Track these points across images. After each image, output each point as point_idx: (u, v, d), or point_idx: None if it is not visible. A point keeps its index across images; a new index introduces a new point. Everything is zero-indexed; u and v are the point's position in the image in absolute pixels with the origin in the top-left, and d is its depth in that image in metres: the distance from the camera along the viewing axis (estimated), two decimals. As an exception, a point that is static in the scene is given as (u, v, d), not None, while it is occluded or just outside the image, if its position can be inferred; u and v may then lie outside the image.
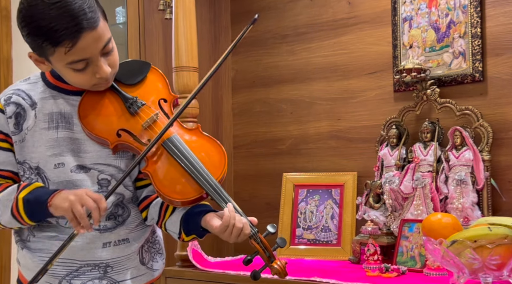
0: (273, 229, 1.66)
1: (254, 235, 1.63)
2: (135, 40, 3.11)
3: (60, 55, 1.56)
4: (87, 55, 1.57)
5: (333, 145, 3.12)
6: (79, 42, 1.53)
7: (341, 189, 2.95)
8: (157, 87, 1.76)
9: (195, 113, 2.68)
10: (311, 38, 3.19)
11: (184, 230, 1.69)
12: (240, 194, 3.41)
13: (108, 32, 1.61)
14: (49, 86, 1.71)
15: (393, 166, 2.74)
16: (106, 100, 1.70)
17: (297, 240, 2.95)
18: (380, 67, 2.97)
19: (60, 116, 1.68)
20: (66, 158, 1.66)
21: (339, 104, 3.10)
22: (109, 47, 1.61)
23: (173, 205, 1.69)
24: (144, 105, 1.70)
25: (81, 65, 1.58)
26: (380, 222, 2.72)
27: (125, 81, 1.73)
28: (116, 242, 1.71)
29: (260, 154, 3.38)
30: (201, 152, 1.69)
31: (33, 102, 1.69)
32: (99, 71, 1.61)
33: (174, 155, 1.65)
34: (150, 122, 1.67)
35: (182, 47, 2.63)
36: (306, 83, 3.21)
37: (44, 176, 1.67)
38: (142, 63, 1.81)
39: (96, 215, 1.54)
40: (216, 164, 1.68)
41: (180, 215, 1.70)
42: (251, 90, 3.43)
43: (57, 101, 1.69)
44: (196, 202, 1.67)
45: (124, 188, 1.72)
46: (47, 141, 1.67)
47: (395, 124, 2.82)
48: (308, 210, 2.98)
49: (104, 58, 1.61)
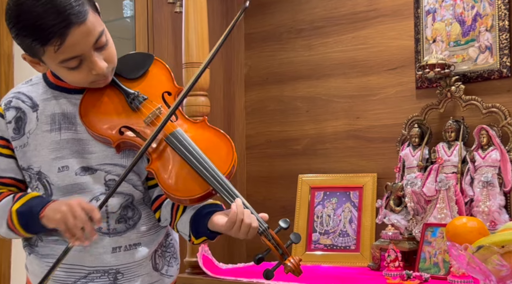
0: (285, 224, 1.64)
1: (265, 231, 1.61)
2: (143, 35, 3.12)
3: (51, 54, 1.56)
4: (78, 52, 1.57)
5: (352, 144, 3.11)
6: (68, 38, 1.53)
7: (360, 191, 2.95)
8: (161, 80, 1.76)
9: (206, 111, 2.68)
10: (328, 32, 3.19)
11: (193, 232, 1.69)
12: (253, 196, 3.41)
13: (99, 25, 1.60)
14: (50, 86, 1.72)
15: (415, 167, 2.73)
16: (107, 97, 1.71)
17: (313, 245, 2.95)
18: (401, 63, 2.96)
19: (63, 117, 1.69)
20: (70, 160, 1.67)
21: (358, 102, 3.10)
22: (102, 41, 1.60)
23: (181, 203, 1.69)
24: (146, 100, 1.70)
25: (74, 63, 1.58)
26: (402, 226, 2.72)
27: (127, 75, 1.73)
28: (127, 246, 1.71)
29: (274, 155, 3.38)
30: (207, 145, 1.67)
31: (34, 104, 1.70)
32: (95, 68, 1.60)
33: (178, 150, 1.64)
34: (152, 118, 1.67)
35: (192, 42, 2.64)
36: (323, 80, 3.21)
37: (46, 181, 1.68)
38: (144, 55, 1.81)
39: (89, 229, 1.53)
40: (224, 158, 1.67)
41: (189, 215, 1.70)
42: (265, 87, 3.43)
43: (59, 102, 1.70)
44: (204, 200, 1.66)
45: (134, 188, 1.72)
46: (50, 144, 1.68)
47: (417, 123, 2.81)
48: (325, 214, 2.98)
49: (98, 53, 1.60)
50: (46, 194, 1.68)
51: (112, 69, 1.68)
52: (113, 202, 1.69)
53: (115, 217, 1.70)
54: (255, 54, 3.46)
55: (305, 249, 2.94)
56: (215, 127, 1.74)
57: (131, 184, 1.71)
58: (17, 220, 1.64)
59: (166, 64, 1.79)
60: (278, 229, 1.64)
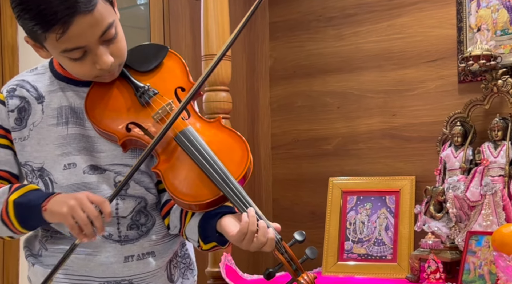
0: (301, 237, 1.62)
1: (277, 243, 1.60)
2: (158, 24, 3.13)
3: (53, 42, 1.56)
4: (82, 43, 1.56)
5: (387, 144, 3.11)
6: (72, 27, 1.52)
7: (396, 196, 2.94)
8: (174, 74, 1.76)
9: (228, 108, 2.69)
10: (361, 20, 3.19)
11: (201, 236, 1.68)
12: (279, 201, 3.41)
13: (109, 15, 1.59)
14: (57, 77, 1.73)
15: (458, 169, 2.72)
16: (115, 90, 1.71)
17: (346, 255, 2.95)
18: (442, 54, 2.96)
19: (70, 110, 1.70)
20: (77, 157, 1.68)
21: (394, 97, 3.09)
22: (111, 33, 1.60)
23: (189, 209, 1.68)
24: (156, 94, 1.70)
25: (77, 54, 1.58)
26: (443, 234, 2.70)
27: (138, 68, 1.74)
28: (140, 255, 1.72)
29: (302, 155, 3.38)
30: (220, 147, 1.67)
31: (40, 96, 1.71)
32: (99, 62, 1.60)
33: (187, 150, 1.64)
34: (162, 114, 1.67)
35: (212, 32, 2.64)
36: (356, 73, 3.21)
37: (49, 179, 1.68)
38: (158, 47, 1.81)
39: (99, 223, 1.53)
40: (237, 161, 1.66)
41: (197, 219, 1.69)
42: (291, 81, 3.43)
43: (66, 94, 1.71)
44: (214, 206, 1.65)
45: (146, 191, 1.72)
46: (56, 138, 1.68)
47: (459, 120, 2.79)
48: (358, 220, 2.98)
49: (104, 47, 1.60)
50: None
51: (120, 65, 1.68)
52: (124, 206, 1.69)
53: (127, 222, 1.71)
54: (280, 45, 3.46)
55: (337, 259, 2.94)
56: (230, 128, 1.74)
57: (143, 186, 1.71)
58: (14, 212, 1.63)
59: (181, 58, 1.79)
60: (293, 242, 1.62)
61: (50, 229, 1.73)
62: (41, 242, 1.74)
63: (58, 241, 1.71)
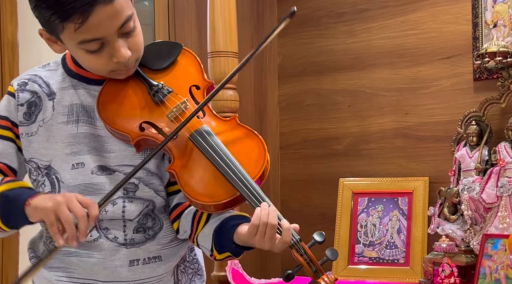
0: (320, 237, 1.61)
1: (296, 244, 1.59)
2: (163, 20, 3.14)
3: (70, 32, 1.55)
4: (100, 34, 1.57)
5: (400, 144, 3.11)
6: (91, 17, 1.53)
7: (409, 197, 2.94)
8: (189, 72, 1.76)
9: (235, 107, 2.68)
10: (373, 16, 3.19)
11: (216, 245, 1.67)
12: (288, 203, 3.41)
13: (129, 8, 1.61)
14: (69, 74, 1.73)
15: (473, 169, 2.72)
16: (129, 88, 1.71)
17: (357, 258, 2.95)
18: (457, 51, 2.95)
19: (82, 108, 1.70)
20: (86, 157, 1.68)
21: (407, 95, 3.09)
22: (129, 26, 1.61)
23: (205, 210, 1.67)
24: (170, 92, 1.70)
25: (95, 45, 1.58)
26: (457, 237, 2.70)
27: (152, 66, 1.74)
28: (146, 259, 1.71)
29: (311, 155, 3.38)
30: (237, 146, 1.67)
31: (51, 92, 1.72)
32: (116, 55, 1.60)
33: (203, 149, 1.64)
34: (177, 113, 1.67)
35: (219, 28, 2.64)
36: (367, 70, 3.21)
37: (56, 178, 1.68)
38: (172, 44, 1.82)
39: (84, 225, 1.49)
40: (254, 160, 1.66)
41: (213, 227, 1.68)
42: (301, 79, 3.43)
43: (78, 92, 1.71)
44: (231, 206, 1.65)
45: (155, 193, 1.72)
46: (66, 137, 1.68)
47: (475, 119, 2.79)
48: (369, 223, 2.98)
49: (123, 40, 1.61)
50: (53, 192, 1.68)
51: (136, 60, 1.68)
52: (131, 208, 1.69)
53: (133, 225, 1.70)
54: (289, 42, 3.46)
55: (347, 263, 2.95)
56: (247, 126, 1.73)
57: (152, 188, 1.71)
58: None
59: (196, 55, 1.80)
60: (312, 242, 1.61)
61: None
62: (46, 244, 1.74)
63: None
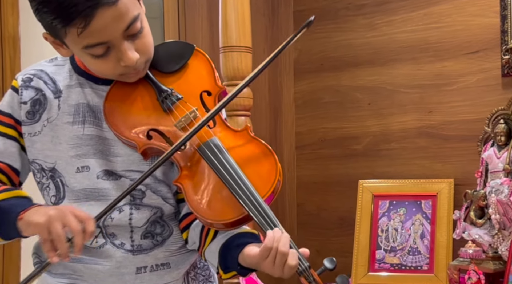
0: (331, 264, 1.59)
1: (305, 271, 1.57)
2: (172, 14, 3.14)
3: (73, 37, 1.55)
4: (105, 38, 1.56)
5: (423, 144, 3.11)
6: (94, 21, 1.52)
7: (433, 200, 2.94)
8: (200, 76, 1.75)
9: (248, 105, 2.68)
10: (394, 8, 3.19)
11: (221, 264, 1.67)
12: (304, 206, 3.40)
13: (135, 8, 1.59)
14: (76, 71, 1.73)
15: (501, 171, 2.71)
16: (137, 92, 1.70)
17: (378, 265, 2.95)
18: (484, 45, 2.95)
19: (88, 109, 1.70)
20: (91, 160, 1.67)
21: (430, 92, 3.09)
22: (136, 27, 1.59)
23: (211, 227, 1.67)
24: (180, 100, 1.69)
25: (100, 50, 1.58)
26: (485, 242, 2.69)
27: (162, 68, 1.73)
28: (154, 266, 1.71)
29: (329, 156, 3.38)
30: (247, 161, 1.65)
31: (58, 90, 1.71)
32: (123, 58, 1.59)
33: (211, 163, 1.63)
34: (185, 123, 1.66)
35: (231, 22, 2.64)
36: (389, 66, 3.21)
37: (60, 181, 1.68)
38: (183, 45, 1.80)
39: (79, 241, 1.49)
40: (264, 178, 1.64)
41: (219, 244, 1.68)
42: (318, 75, 3.43)
43: (85, 91, 1.71)
44: (239, 225, 1.63)
45: (163, 201, 1.71)
46: (71, 138, 1.68)
47: (503, 118, 2.79)
48: (391, 227, 2.98)
49: (129, 42, 1.59)
50: (58, 196, 1.69)
51: (146, 62, 1.67)
52: (138, 216, 1.69)
53: (141, 231, 1.70)
54: (306, 36, 3.44)
55: (367, 270, 2.95)
56: (259, 138, 1.71)
57: (160, 196, 1.70)
58: None
59: (208, 57, 1.78)
60: (322, 269, 1.59)
61: None
62: None
63: None
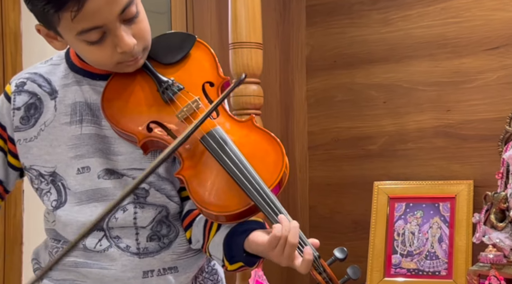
0: (341, 254, 1.59)
1: (315, 261, 1.57)
2: (180, 8, 3.15)
3: (67, 23, 1.54)
4: (100, 22, 1.55)
5: (441, 144, 3.11)
6: (88, 3, 1.51)
7: (451, 202, 2.95)
8: (203, 67, 1.75)
9: (258, 103, 2.69)
10: (410, 2, 3.19)
11: (226, 255, 1.66)
12: (317, 209, 3.41)
13: None
14: (72, 69, 1.72)
15: (523, 172, 2.70)
16: (136, 84, 1.70)
17: (394, 270, 2.95)
18: (505, 41, 2.96)
19: (86, 107, 1.70)
20: (91, 160, 1.68)
21: (448, 90, 3.09)
22: (132, 11, 1.59)
23: (216, 220, 1.66)
24: (181, 90, 1.69)
25: (95, 35, 1.57)
26: (506, 247, 2.68)
27: (162, 59, 1.73)
28: (161, 270, 1.71)
29: (343, 157, 3.38)
30: (252, 150, 1.65)
31: (53, 90, 1.71)
32: (120, 44, 1.59)
33: (215, 153, 1.62)
34: (187, 113, 1.66)
35: (241, 17, 2.65)
36: (405, 62, 3.21)
37: (62, 185, 1.68)
38: (184, 36, 1.80)
39: None
40: (271, 167, 1.64)
41: (223, 235, 1.67)
42: (331, 72, 3.43)
43: (82, 88, 1.71)
44: (244, 217, 1.63)
45: (168, 199, 1.71)
46: (69, 139, 1.68)
47: (525, 116, 2.78)
48: (407, 231, 2.98)
49: (125, 27, 1.59)
50: (59, 200, 1.69)
51: (144, 49, 1.67)
52: (143, 215, 1.68)
53: (146, 233, 1.70)
54: (319, 32, 3.46)
55: (383, 275, 2.96)
56: (263, 128, 1.72)
57: (164, 194, 1.70)
58: None
59: (210, 48, 1.78)
60: (332, 260, 1.59)
61: (61, 240, 1.73)
62: (51, 254, 1.74)
63: (70, 253, 1.69)
